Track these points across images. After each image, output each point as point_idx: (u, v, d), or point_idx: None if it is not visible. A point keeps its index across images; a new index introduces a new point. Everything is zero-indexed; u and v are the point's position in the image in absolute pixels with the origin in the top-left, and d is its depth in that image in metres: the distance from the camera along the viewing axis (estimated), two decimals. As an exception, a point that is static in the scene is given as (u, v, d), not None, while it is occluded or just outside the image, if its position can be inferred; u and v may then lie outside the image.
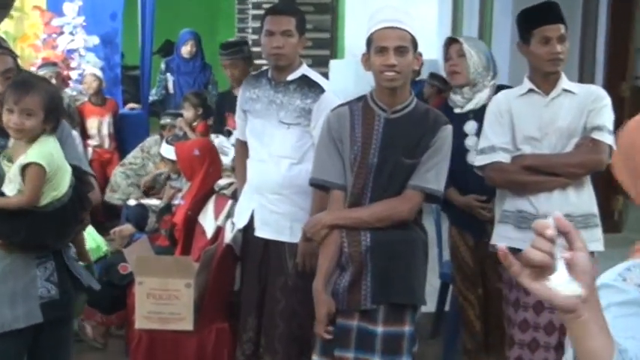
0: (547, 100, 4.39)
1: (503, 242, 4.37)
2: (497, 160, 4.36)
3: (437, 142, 3.88)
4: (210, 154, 6.21)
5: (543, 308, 4.33)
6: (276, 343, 4.74)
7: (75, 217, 3.73)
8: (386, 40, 3.80)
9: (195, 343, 4.87)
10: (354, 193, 3.91)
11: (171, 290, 4.82)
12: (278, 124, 4.71)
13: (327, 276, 3.89)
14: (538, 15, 4.43)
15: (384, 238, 3.87)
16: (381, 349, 3.84)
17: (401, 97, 3.90)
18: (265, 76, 4.84)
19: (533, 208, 4.35)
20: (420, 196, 3.88)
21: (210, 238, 5.52)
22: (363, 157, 3.88)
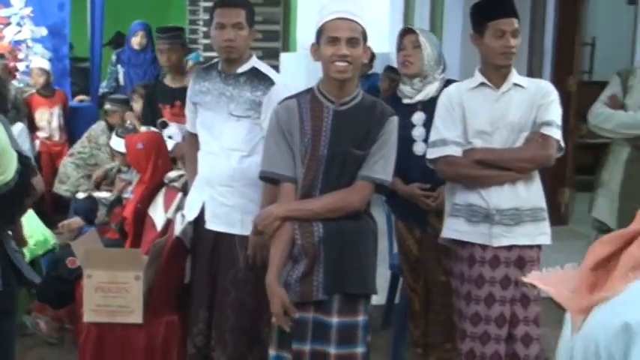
0: (498, 94, 4.43)
1: (455, 235, 4.44)
2: (450, 154, 4.39)
3: (384, 133, 3.92)
4: (157, 147, 6.17)
5: (494, 301, 4.39)
6: (227, 336, 4.74)
7: (20, 203, 3.72)
8: (338, 30, 3.82)
9: (144, 335, 4.85)
10: (305, 185, 3.93)
11: (120, 283, 4.78)
12: (228, 117, 4.71)
13: (280, 268, 3.90)
14: (493, 8, 4.46)
15: (336, 229, 3.89)
16: (337, 339, 3.86)
17: (349, 89, 3.93)
18: (215, 68, 4.84)
19: (484, 201, 4.38)
20: (370, 186, 3.91)
21: (160, 230, 5.49)
22: (314, 149, 3.89)
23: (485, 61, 4.47)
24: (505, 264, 4.40)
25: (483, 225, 4.39)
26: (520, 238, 4.41)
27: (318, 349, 3.88)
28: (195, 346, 4.84)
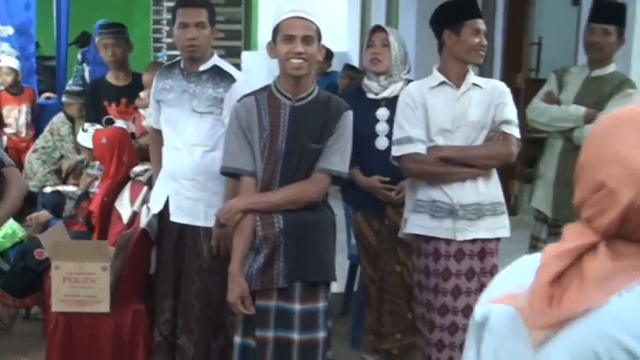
0: (458, 93, 4.44)
1: (420, 231, 4.44)
2: (415, 151, 4.38)
3: (340, 127, 3.94)
4: (120, 142, 6.14)
5: (460, 293, 4.41)
6: (192, 324, 4.73)
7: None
8: (293, 29, 3.84)
9: (111, 324, 4.83)
10: (264, 179, 3.94)
11: (88, 274, 4.77)
12: (191, 113, 4.70)
13: (243, 259, 3.91)
14: (471, 8, 4.52)
15: (295, 220, 3.90)
16: (300, 325, 3.88)
17: (305, 86, 3.95)
18: (178, 66, 4.83)
19: (447, 197, 4.39)
20: (328, 178, 3.94)
21: (127, 223, 5.48)
22: (272, 144, 3.90)
23: (453, 59, 4.45)
24: (469, 256, 4.43)
25: (447, 220, 4.40)
26: (482, 231, 4.43)
27: (282, 335, 3.88)
28: (162, 334, 4.83)
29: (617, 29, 4.95)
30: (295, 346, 3.88)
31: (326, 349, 3.96)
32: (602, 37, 4.93)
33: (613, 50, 5.03)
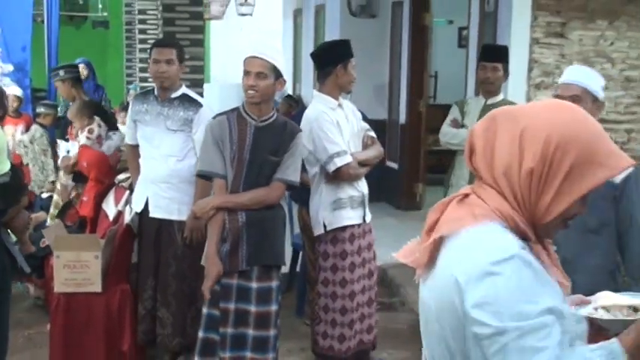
0: (345, 112, 4.61)
1: (346, 222, 4.49)
2: (351, 161, 4.46)
3: (293, 146, 3.98)
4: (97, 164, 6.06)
5: (365, 262, 4.57)
6: (170, 298, 4.74)
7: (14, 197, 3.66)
8: (249, 66, 3.88)
9: (103, 301, 4.79)
10: (233, 183, 3.95)
11: (83, 261, 4.73)
12: (166, 131, 4.72)
13: (218, 245, 3.91)
14: (350, 48, 4.61)
15: (255, 216, 3.93)
16: (256, 299, 3.90)
17: (265, 110, 3.97)
18: (152, 93, 4.85)
19: (358, 191, 4.54)
20: (284, 186, 3.99)
21: (112, 220, 5.46)
22: (239, 154, 3.92)
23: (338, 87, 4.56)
24: (368, 233, 4.64)
25: (360, 209, 4.54)
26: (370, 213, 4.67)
27: (241, 307, 3.90)
28: (145, 307, 4.83)
29: (503, 66, 5.03)
30: (252, 316, 3.90)
31: (277, 318, 3.99)
32: (493, 73, 4.98)
33: (501, 83, 5.11)
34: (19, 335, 5.29)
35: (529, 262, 1.55)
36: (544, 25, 6.97)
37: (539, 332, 1.49)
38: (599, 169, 1.55)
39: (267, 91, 3.91)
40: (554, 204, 1.57)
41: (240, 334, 3.89)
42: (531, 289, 1.52)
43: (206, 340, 3.98)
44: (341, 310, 4.52)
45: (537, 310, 1.50)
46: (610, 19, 7.06)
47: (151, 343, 4.89)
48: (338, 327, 4.54)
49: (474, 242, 1.59)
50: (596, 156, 1.55)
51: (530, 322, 1.49)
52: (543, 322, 1.50)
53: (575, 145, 1.55)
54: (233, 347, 3.89)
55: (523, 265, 1.53)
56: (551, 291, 1.56)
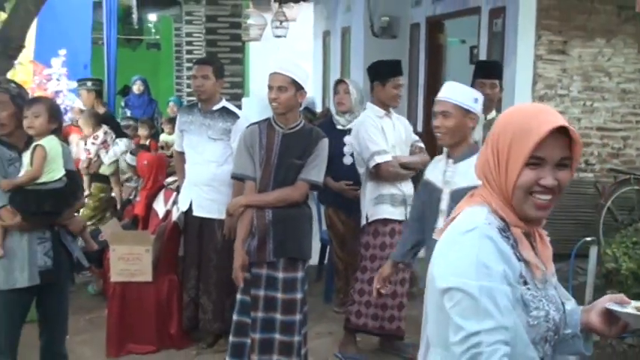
0: (392, 121, 4.60)
1: (385, 215, 4.47)
2: (390, 160, 4.47)
3: (317, 149, 3.92)
4: (156, 165, 6.16)
5: (375, 259, 4.53)
6: (211, 288, 4.77)
7: (67, 200, 3.69)
8: (271, 81, 3.86)
9: (154, 290, 4.84)
10: (262, 184, 3.93)
11: (136, 254, 4.77)
12: (208, 139, 4.75)
13: (245, 239, 3.91)
14: (392, 69, 4.59)
15: (281, 214, 3.89)
16: (282, 287, 3.88)
17: (291, 119, 3.93)
18: (196, 106, 4.89)
19: (400, 191, 4.52)
20: (307, 185, 3.92)
21: (162, 218, 5.51)
22: (268, 159, 3.91)
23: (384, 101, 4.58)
24: None
25: (401, 207, 4.52)
26: None
27: (269, 294, 3.88)
28: (189, 296, 4.87)
29: (499, 82, 4.82)
30: (279, 302, 3.88)
31: (303, 305, 3.95)
32: (492, 89, 4.69)
33: (497, 99, 4.88)
34: (81, 319, 5.32)
35: (489, 235, 1.61)
36: (547, 43, 6.93)
37: (486, 299, 1.53)
38: (530, 136, 1.61)
39: (288, 102, 3.87)
40: (508, 177, 1.64)
41: (269, 318, 3.89)
42: (486, 257, 1.57)
43: (239, 323, 3.98)
44: None
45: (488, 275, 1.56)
46: (607, 38, 7.00)
47: (194, 328, 4.92)
48: (372, 307, 4.56)
49: (459, 219, 1.71)
50: (528, 128, 1.62)
51: (475, 284, 1.54)
52: (489, 288, 1.54)
53: (510, 126, 1.65)
54: (263, 330, 3.89)
55: (482, 237, 1.60)
56: (506, 265, 1.60)
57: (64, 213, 3.69)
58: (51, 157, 3.59)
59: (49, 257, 3.64)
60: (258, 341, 3.89)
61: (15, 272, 3.54)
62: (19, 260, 3.55)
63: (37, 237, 3.60)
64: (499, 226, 1.65)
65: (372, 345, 4.91)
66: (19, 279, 3.55)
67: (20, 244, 3.56)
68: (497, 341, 1.51)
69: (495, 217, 1.67)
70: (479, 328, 1.52)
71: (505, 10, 7.25)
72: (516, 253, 1.63)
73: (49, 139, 3.61)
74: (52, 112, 3.63)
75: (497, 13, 7.48)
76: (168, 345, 4.88)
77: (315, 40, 13.95)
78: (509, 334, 1.53)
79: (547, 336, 1.65)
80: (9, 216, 3.51)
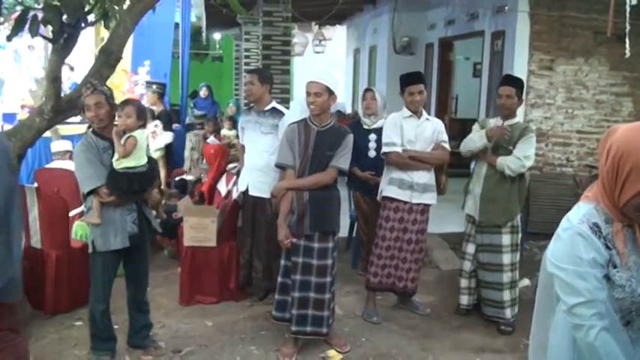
0: (419, 122, 4.50)
1: (390, 195, 4.42)
2: (396, 150, 4.43)
3: (344, 143, 3.89)
4: (221, 153, 6.20)
5: (407, 230, 4.49)
6: (262, 253, 4.79)
7: (149, 181, 3.72)
8: (309, 88, 3.84)
9: (217, 253, 4.86)
10: (299, 171, 3.91)
11: (203, 224, 4.78)
12: (260, 133, 4.75)
13: (286, 216, 3.88)
14: (409, 79, 4.53)
15: (316, 195, 3.86)
16: (317, 256, 3.86)
17: (324, 119, 3.90)
18: (253, 108, 4.88)
19: (409, 178, 4.45)
20: (335, 171, 3.88)
21: (224, 196, 5.54)
22: (305, 151, 3.89)
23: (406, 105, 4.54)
24: (415, 212, 4.51)
25: (407, 191, 4.46)
26: (423, 199, 4.51)
27: (306, 261, 3.87)
28: (245, 258, 4.89)
29: (516, 92, 4.40)
30: (314, 267, 3.87)
31: (332, 269, 3.93)
32: (507, 99, 4.37)
33: (516, 108, 4.46)
34: (159, 275, 5.37)
35: (580, 232, 1.70)
36: (538, 61, 6.83)
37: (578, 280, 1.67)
38: None
39: (323, 105, 3.84)
40: (621, 195, 1.67)
41: (305, 280, 3.88)
42: (577, 250, 1.69)
43: (283, 284, 3.98)
44: (390, 257, 4.54)
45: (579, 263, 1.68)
46: (585, 57, 6.90)
47: (248, 284, 4.94)
48: (387, 268, 4.55)
49: (568, 214, 1.79)
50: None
51: (571, 269, 1.68)
52: (581, 272, 1.67)
53: (633, 155, 1.63)
54: (300, 289, 3.90)
55: (575, 234, 1.70)
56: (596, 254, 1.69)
57: (147, 191, 3.75)
58: (139, 146, 3.63)
59: (135, 225, 3.69)
60: (296, 299, 3.90)
61: (110, 237, 3.60)
62: (114, 227, 3.61)
63: (126, 209, 3.66)
64: (595, 222, 1.72)
65: (390, 302, 4.90)
66: (113, 242, 3.61)
67: (114, 215, 3.61)
68: (593, 315, 1.65)
69: (599, 213, 1.73)
70: (576, 302, 1.67)
71: (505, 33, 7.15)
72: (607, 243, 1.71)
73: (139, 132, 3.66)
74: (139, 113, 3.67)
75: (498, 36, 7.38)
76: (228, 297, 4.91)
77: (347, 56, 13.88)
78: (601, 306, 1.66)
79: (632, 307, 1.72)
80: (105, 193, 3.57)
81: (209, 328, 4.39)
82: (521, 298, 4.64)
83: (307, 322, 3.93)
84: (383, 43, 10.41)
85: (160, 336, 4.18)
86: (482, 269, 4.54)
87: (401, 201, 4.47)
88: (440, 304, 4.99)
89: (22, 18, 3.28)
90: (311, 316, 3.92)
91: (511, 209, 4.41)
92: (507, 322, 4.48)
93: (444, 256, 6.04)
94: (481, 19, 7.89)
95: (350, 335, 4.30)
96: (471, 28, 8.19)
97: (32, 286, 4.44)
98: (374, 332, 4.41)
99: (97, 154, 3.58)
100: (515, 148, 4.38)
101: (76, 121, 6.66)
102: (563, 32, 6.82)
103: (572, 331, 1.71)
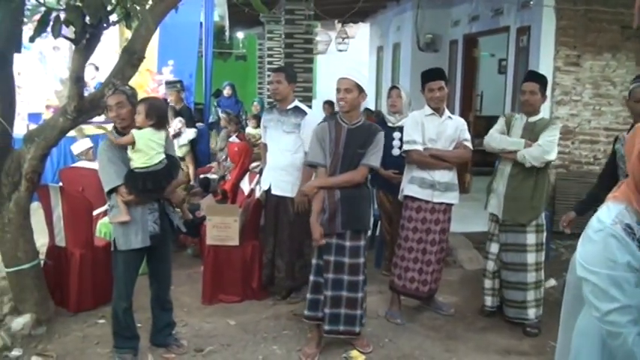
0: (440, 120, 4.43)
1: (411, 194, 4.37)
2: (416, 149, 4.38)
3: (375, 140, 3.84)
4: (244, 151, 6.20)
5: (430, 231, 4.42)
6: (284, 252, 4.77)
7: (166, 177, 3.69)
8: (339, 84, 3.80)
9: (240, 252, 4.85)
10: (331, 169, 3.88)
11: (226, 223, 4.77)
12: (283, 133, 4.73)
13: (319, 215, 3.84)
14: (428, 75, 4.47)
15: (347, 194, 3.83)
16: (349, 254, 3.83)
17: (354, 117, 3.86)
18: (275, 107, 4.86)
19: (430, 177, 4.39)
20: (367, 169, 3.84)
21: (247, 195, 5.54)
22: (336, 149, 3.85)
23: (427, 102, 4.48)
24: (437, 211, 4.43)
25: (428, 190, 4.40)
26: (445, 198, 4.44)
27: (338, 259, 3.84)
28: (267, 257, 4.88)
29: (540, 89, 4.28)
30: (346, 266, 3.84)
31: (364, 268, 3.90)
32: (530, 95, 4.26)
33: (540, 104, 4.34)
34: (183, 274, 5.39)
35: (614, 234, 1.62)
36: (564, 56, 6.70)
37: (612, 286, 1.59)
38: None
39: (353, 102, 3.81)
40: None
41: (338, 278, 3.85)
42: (611, 253, 1.61)
43: (315, 282, 3.94)
44: (414, 260, 4.47)
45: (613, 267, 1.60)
46: (613, 53, 6.75)
47: (271, 283, 4.93)
48: (410, 272, 4.48)
49: (597, 214, 1.73)
50: None
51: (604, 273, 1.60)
52: (614, 277, 1.59)
53: None
54: (333, 288, 3.87)
55: (608, 236, 1.62)
56: (630, 257, 1.61)
57: (164, 189, 3.71)
58: (142, 145, 3.59)
59: (157, 224, 3.69)
60: (329, 298, 3.87)
61: (131, 236, 3.61)
62: (134, 226, 3.61)
63: (148, 208, 3.66)
64: (628, 224, 1.65)
65: (414, 302, 4.84)
66: (134, 241, 3.61)
67: (135, 214, 3.62)
68: (629, 322, 1.59)
69: (630, 214, 1.66)
70: (610, 308, 1.60)
71: (530, 29, 7.03)
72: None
73: (144, 131, 3.61)
74: (148, 111, 3.62)
75: (523, 32, 7.26)
76: (250, 296, 4.89)
77: (370, 54, 13.79)
78: (634, 311, 1.59)
79: None
80: (125, 192, 3.57)
81: (231, 327, 4.38)
82: (547, 299, 4.54)
83: (340, 321, 3.90)
84: (406, 40, 10.32)
85: (183, 334, 4.18)
86: (506, 269, 4.46)
87: (423, 200, 4.41)
88: (464, 305, 4.92)
89: (45, 19, 3.30)
90: (344, 315, 3.89)
91: (535, 207, 4.32)
92: (533, 324, 4.39)
93: (468, 255, 5.96)
94: (506, 15, 7.77)
95: (373, 336, 4.25)
96: (496, 23, 8.07)
97: (56, 284, 4.49)
98: (397, 333, 4.36)
99: (118, 154, 3.60)
100: (537, 140, 4.28)
101: (100, 121, 6.73)
102: (590, 27, 6.69)
103: (607, 338, 1.64)
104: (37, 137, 3.96)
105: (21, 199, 4.01)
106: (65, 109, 3.96)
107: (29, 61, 8.28)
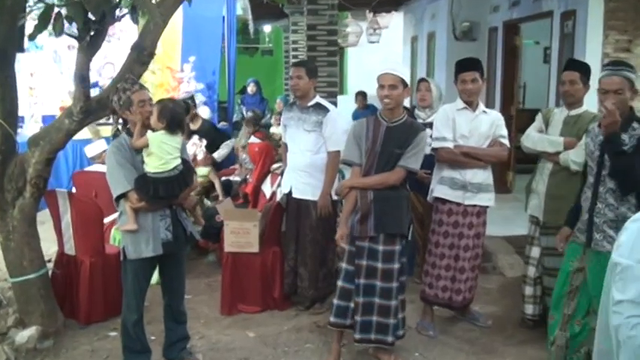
0: (474, 115, 4.32)
1: (441, 195, 4.29)
2: (447, 146, 4.28)
3: (416, 140, 3.76)
4: (265, 151, 6.18)
5: (463, 236, 4.32)
6: (307, 259, 4.73)
7: (180, 185, 3.67)
8: (383, 80, 3.73)
9: (260, 259, 4.83)
10: (366, 169, 3.82)
11: (245, 229, 4.76)
12: (303, 131, 4.69)
13: (349, 215, 3.80)
14: (461, 66, 4.36)
15: (381, 195, 3.76)
16: (382, 259, 3.76)
17: (396, 114, 3.79)
18: (295, 104, 4.83)
19: (462, 177, 4.29)
20: (404, 171, 3.76)
21: (268, 198, 5.51)
22: (372, 148, 3.79)
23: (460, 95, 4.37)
24: (470, 214, 4.32)
25: (460, 191, 4.30)
26: (479, 200, 4.32)
27: (371, 264, 3.77)
28: (289, 265, 4.85)
29: (581, 78, 4.14)
30: (379, 271, 3.77)
31: (400, 274, 3.81)
32: (570, 86, 4.14)
33: (581, 95, 4.18)
34: (201, 282, 5.40)
35: None
36: (613, 42, 6.48)
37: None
38: None
39: (398, 98, 3.74)
40: None
41: (370, 284, 3.78)
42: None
43: (343, 288, 3.86)
44: (446, 267, 4.37)
45: None
46: (669, 36, 6.50)
47: (294, 293, 4.89)
48: (442, 280, 4.38)
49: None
50: None
51: None
52: None
53: None
54: (364, 294, 3.80)
55: None
56: None
57: (177, 196, 3.69)
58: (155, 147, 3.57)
59: (169, 231, 3.66)
60: (360, 304, 3.80)
61: (141, 244, 3.59)
62: (145, 234, 3.59)
63: (159, 215, 3.63)
64: None
65: (448, 312, 4.73)
66: (144, 250, 3.59)
67: (146, 221, 3.59)
68: None
69: None
70: None
71: (575, 13, 6.83)
72: None
73: (157, 134, 3.60)
74: (159, 114, 3.60)
75: (568, 16, 7.06)
76: (272, 306, 4.87)
77: (404, 45, 13.64)
78: None
79: None
80: (135, 198, 3.55)
81: (251, 340, 4.34)
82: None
83: (372, 330, 3.83)
84: (442, 29, 10.17)
85: (198, 348, 4.16)
86: (548, 275, 4.30)
87: (454, 203, 4.30)
88: (503, 315, 4.78)
89: (46, 16, 3.30)
90: (375, 323, 3.82)
91: (579, 208, 4.16)
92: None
93: (509, 261, 5.80)
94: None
95: (402, 350, 4.16)
96: (539, 8, 7.87)
97: (66, 294, 4.52)
98: (429, 347, 4.26)
99: (129, 157, 3.57)
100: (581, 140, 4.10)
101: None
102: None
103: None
104: (42, 140, 3.98)
105: (25, 205, 4.04)
106: (71, 110, 3.98)
107: (43, 61, 8.40)
